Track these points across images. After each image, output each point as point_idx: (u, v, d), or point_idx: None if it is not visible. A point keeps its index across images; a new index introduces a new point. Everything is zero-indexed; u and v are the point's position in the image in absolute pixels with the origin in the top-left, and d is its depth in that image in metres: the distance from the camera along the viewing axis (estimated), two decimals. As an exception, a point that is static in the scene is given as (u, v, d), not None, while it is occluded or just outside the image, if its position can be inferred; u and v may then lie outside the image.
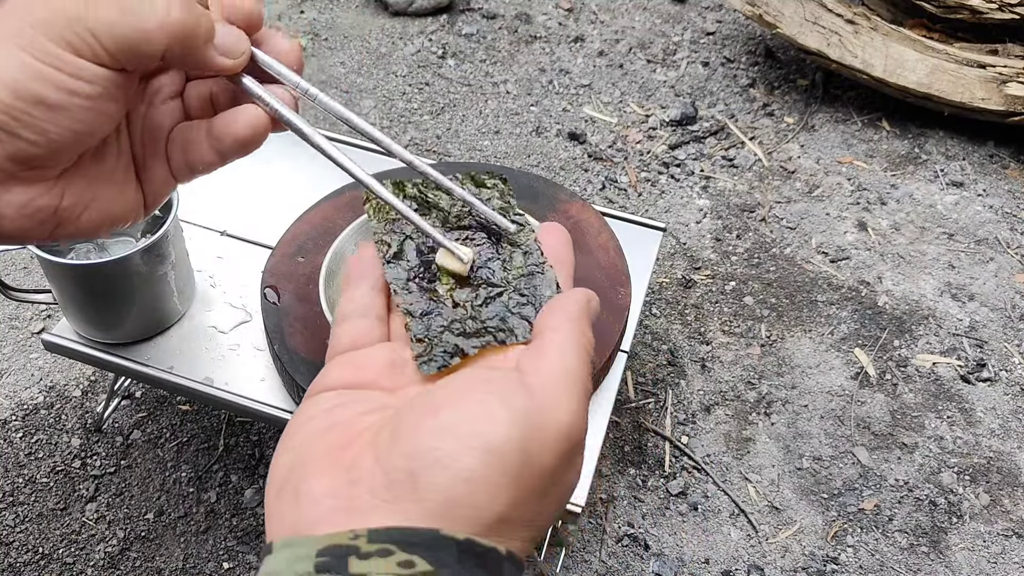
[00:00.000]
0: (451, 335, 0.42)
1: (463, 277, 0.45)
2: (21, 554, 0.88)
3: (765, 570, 0.91)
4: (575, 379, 0.34)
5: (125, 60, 0.37)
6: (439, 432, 0.31)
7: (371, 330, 0.41)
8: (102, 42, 0.36)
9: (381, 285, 0.43)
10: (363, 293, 0.42)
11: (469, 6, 1.67)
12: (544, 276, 0.45)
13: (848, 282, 1.21)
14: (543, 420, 0.32)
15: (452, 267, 0.45)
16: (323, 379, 0.38)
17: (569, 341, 0.36)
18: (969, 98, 1.38)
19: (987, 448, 1.03)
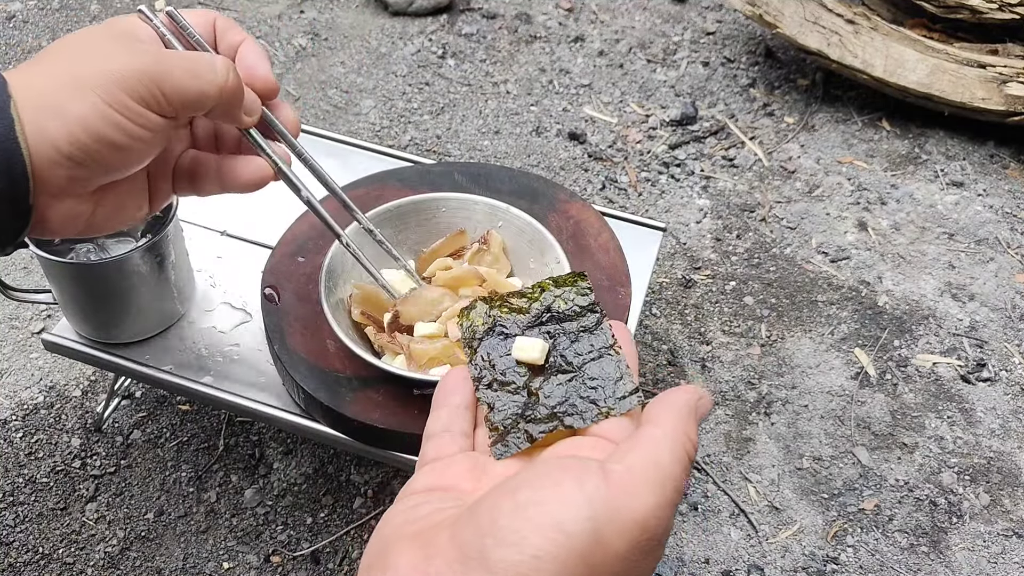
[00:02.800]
0: (523, 422, 0.44)
1: (539, 367, 0.47)
2: (21, 554, 0.88)
3: (765, 570, 0.91)
4: (663, 472, 0.34)
5: (181, 112, 0.46)
6: (513, 511, 0.33)
7: (455, 442, 0.43)
8: (168, 98, 0.45)
9: (468, 403, 0.46)
10: (449, 411, 0.45)
11: (469, 6, 1.67)
12: (613, 359, 0.47)
13: (848, 282, 1.21)
14: (618, 506, 0.33)
15: (527, 358, 0.48)
16: (411, 485, 0.41)
17: (667, 436, 0.36)
18: (969, 98, 1.38)
19: (987, 448, 1.03)
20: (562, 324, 0.50)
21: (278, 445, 0.98)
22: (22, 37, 1.53)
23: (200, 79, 0.46)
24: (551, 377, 0.47)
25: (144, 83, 0.44)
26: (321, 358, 0.74)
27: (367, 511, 0.93)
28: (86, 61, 0.44)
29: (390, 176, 0.90)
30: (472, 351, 0.49)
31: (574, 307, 0.50)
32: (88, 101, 0.43)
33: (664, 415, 0.38)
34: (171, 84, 0.44)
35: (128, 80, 0.43)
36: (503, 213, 0.80)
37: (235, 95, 0.48)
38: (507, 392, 0.46)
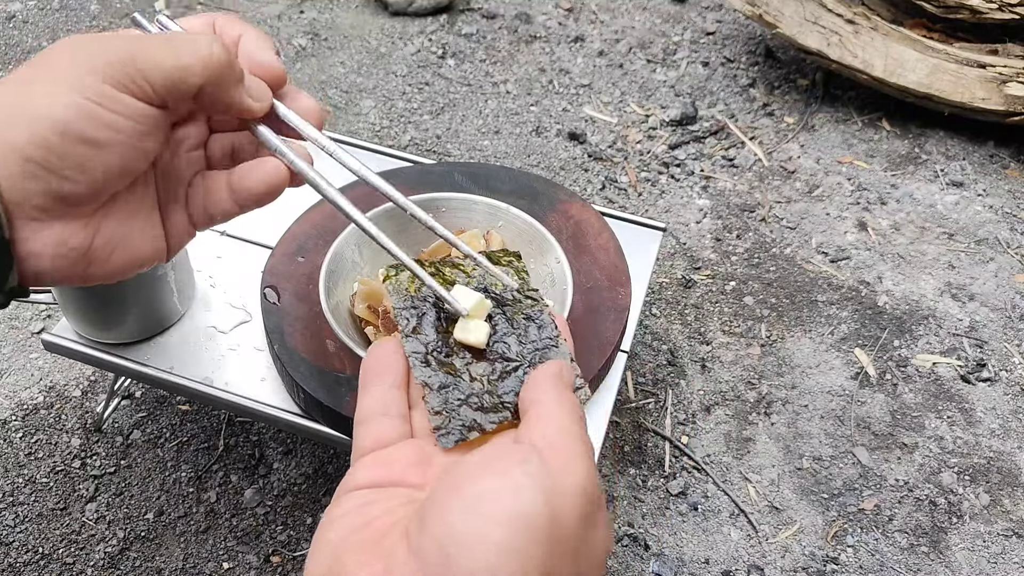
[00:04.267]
0: (469, 409, 0.43)
1: (480, 351, 0.46)
2: (21, 554, 0.88)
3: (765, 570, 0.91)
4: (576, 438, 0.36)
5: (167, 95, 0.40)
6: (465, 509, 0.32)
7: (394, 428, 0.42)
8: (149, 78, 0.38)
9: (401, 382, 0.44)
10: (383, 391, 0.43)
11: (469, 6, 1.67)
12: (558, 350, 0.46)
13: (848, 282, 1.21)
14: (561, 482, 0.33)
15: (469, 340, 0.46)
16: (352, 479, 0.39)
17: (559, 407, 0.38)
18: (969, 98, 1.38)
19: (987, 448, 1.03)
20: (502, 308, 0.48)
21: (278, 445, 0.98)
22: (22, 37, 1.53)
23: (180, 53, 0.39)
24: (494, 364, 0.46)
25: (118, 65, 0.37)
26: (321, 358, 0.74)
27: (367, 511, 0.93)
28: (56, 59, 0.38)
29: (390, 176, 0.90)
30: (405, 320, 0.46)
31: (512, 291, 0.49)
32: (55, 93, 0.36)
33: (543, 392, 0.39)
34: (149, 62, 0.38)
35: (100, 64, 0.37)
36: (503, 213, 0.80)
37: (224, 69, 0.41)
38: (447, 373, 0.44)
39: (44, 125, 0.36)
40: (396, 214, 0.80)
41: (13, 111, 0.36)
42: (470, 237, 0.78)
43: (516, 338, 0.47)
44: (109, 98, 0.37)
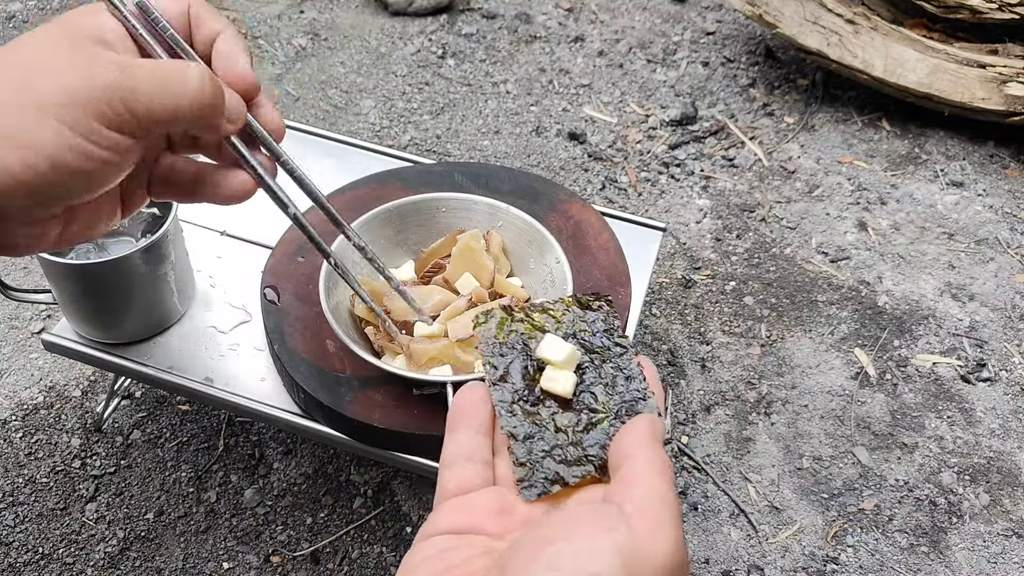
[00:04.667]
0: (553, 461, 0.42)
1: (566, 400, 0.46)
2: (21, 554, 0.88)
3: (765, 570, 0.91)
4: (668, 504, 0.36)
5: (153, 131, 0.41)
6: (547, 567, 0.33)
7: (477, 474, 0.42)
8: (138, 118, 0.39)
9: (487, 428, 0.44)
10: (469, 437, 0.43)
11: (469, 6, 1.67)
12: (647, 403, 0.46)
13: (848, 282, 1.21)
14: (645, 551, 0.33)
15: (556, 390, 0.46)
16: (433, 523, 0.40)
17: (651, 466, 0.37)
18: (969, 98, 1.38)
19: (987, 448, 1.03)
20: (590, 356, 0.48)
21: (278, 445, 0.98)
22: (22, 37, 1.54)
23: (171, 93, 0.40)
24: (580, 415, 0.45)
25: (111, 104, 0.38)
26: (321, 358, 0.74)
27: (367, 511, 0.93)
28: (42, 76, 0.38)
29: (390, 176, 0.90)
30: (493, 369, 0.46)
31: (602, 338, 0.49)
32: (48, 127, 0.37)
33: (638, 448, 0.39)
34: (140, 102, 0.39)
35: (93, 101, 0.38)
36: (503, 213, 0.80)
37: (213, 107, 0.42)
38: (532, 423, 0.44)
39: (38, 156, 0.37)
40: (392, 218, 0.80)
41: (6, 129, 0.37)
42: (469, 238, 0.78)
43: (604, 388, 0.46)
44: (100, 136, 0.38)
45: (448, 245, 0.80)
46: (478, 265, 0.77)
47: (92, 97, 0.38)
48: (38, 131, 0.37)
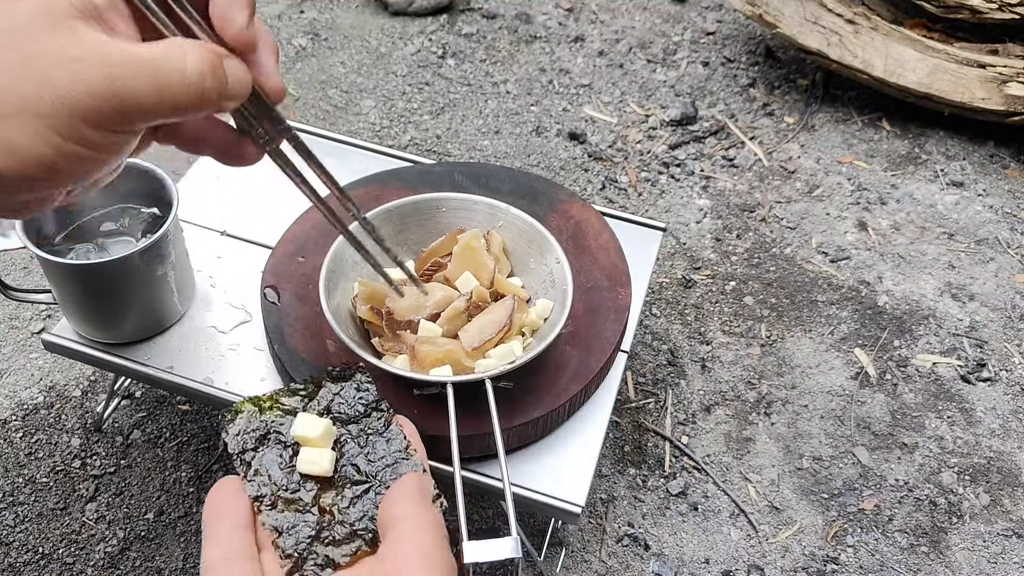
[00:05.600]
0: (320, 545, 0.41)
1: (327, 479, 0.44)
2: (21, 554, 0.88)
3: (765, 570, 0.91)
4: (433, 562, 0.36)
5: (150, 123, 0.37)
6: None
7: (241, 571, 0.40)
8: (131, 118, 0.36)
9: (246, 522, 0.42)
10: (228, 536, 0.41)
11: (469, 6, 1.67)
12: (409, 462, 0.45)
13: (848, 282, 1.21)
14: None
15: (315, 472, 0.44)
16: None
17: (416, 525, 0.38)
18: (969, 98, 1.38)
19: (987, 448, 1.03)
20: (347, 427, 0.47)
21: (278, 445, 0.98)
22: (22, 37, 1.54)
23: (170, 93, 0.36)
24: (343, 490, 0.44)
25: (103, 110, 0.35)
26: (321, 358, 0.74)
27: (367, 511, 0.93)
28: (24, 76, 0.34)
29: (390, 176, 0.90)
30: (246, 465, 0.45)
31: (357, 406, 0.48)
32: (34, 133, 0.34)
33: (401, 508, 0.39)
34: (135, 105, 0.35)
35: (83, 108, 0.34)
36: (503, 213, 0.80)
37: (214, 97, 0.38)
38: (295, 511, 0.43)
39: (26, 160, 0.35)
40: (393, 217, 0.80)
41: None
42: (470, 237, 0.78)
43: (364, 458, 0.45)
44: (91, 138, 0.36)
45: (448, 244, 0.80)
46: (478, 264, 0.77)
47: (82, 104, 0.34)
48: (23, 138, 0.34)
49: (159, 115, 0.36)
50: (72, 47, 0.35)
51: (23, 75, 0.34)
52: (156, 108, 0.36)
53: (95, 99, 0.34)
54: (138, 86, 0.35)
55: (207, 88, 0.37)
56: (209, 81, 0.37)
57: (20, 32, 0.34)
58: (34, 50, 0.34)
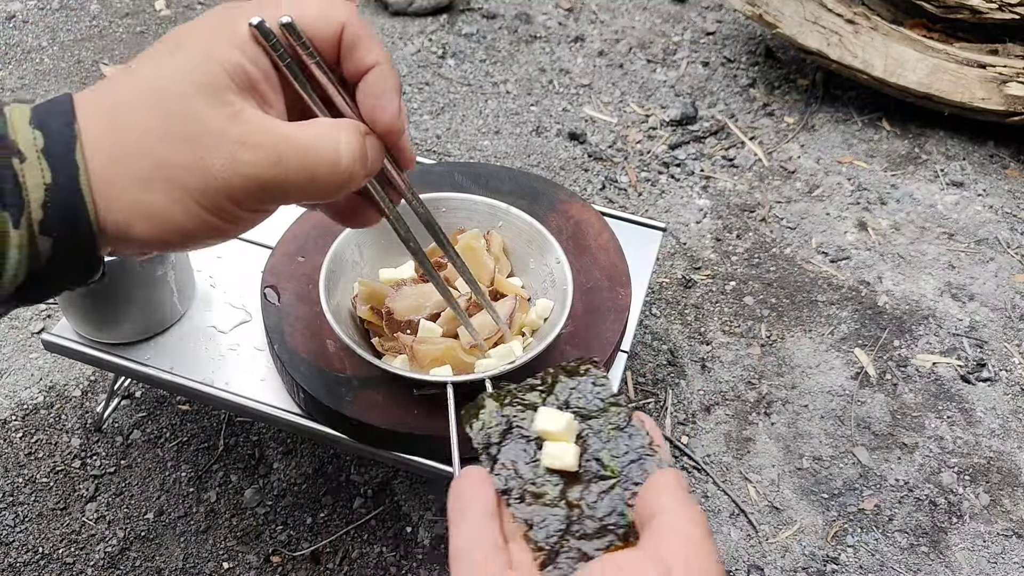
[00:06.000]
0: (572, 539, 0.42)
1: (573, 473, 0.45)
2: (21, 554, 0.88)
3: (765, 570, 0.91)
4: (707, 554, 0.36)
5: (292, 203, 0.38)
6: None
7: (491, 560, 0.41)
8: (278, 200, 0.37)
9: (492, 511, 0.43)
10: (477, 525, 0.42)
11: (469, 6, 1.67)
12: (654, 459, 0.45)
13: (848, 282, 1.21)
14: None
15: (560, 466, 0.45)
16: None
17: (679, 516, 0.37)
18: (969, 98, 1.38)
19: (987, 448, 1.03)
20: (587, 422, 0.47)
21: (278, 445, 0.98)
22: (22, 37, 1.53)
23: (319, 181, 0.36)
24: (589, 485, 0.44)
25: (250, 189, 0.35)
26: (321, 358, 0.74)
27: (367, 511, 0.93)
28: (182, 146, 0.34)
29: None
30: (492, 459, 0.45)
31: (595, 401, 0.48)
32: (179, 201, 0.35)
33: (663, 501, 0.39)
34: (284, 192, 0.36)
35: (234, 190, 0.35)
36: (503, 213, 0.80)
37: (362, 178, 0.39)
38: (543, 505, 0.43)
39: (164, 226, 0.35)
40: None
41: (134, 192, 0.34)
42: (470, 237, 0.78)
43: (608, 453, 0.46)
44: (234, 214, 0.36)
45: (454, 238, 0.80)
46: (479, 264, 0.77)
47: (234, 186, 0.35)
48: (166, 206, 0.35)
49: (305, 198, 0.37)
50: (231, 126, 0.35)
51: (180, 149, 0.34)
52: (304, 192, 0.37)
53: (247, 181, 0.35)
54: (290, 172, 0.36)
55: (355, 172, 0.38)
56: (358, 166, 0.38)
57: (179, 101, 0.35)
58: (192, 121, 0.34)
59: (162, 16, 1.61)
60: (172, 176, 0.34)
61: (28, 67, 1.47)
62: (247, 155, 0.35)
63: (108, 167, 0.34)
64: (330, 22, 0.38)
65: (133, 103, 0.35)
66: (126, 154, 0.34)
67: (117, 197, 0.34)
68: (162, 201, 0.35)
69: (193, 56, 0.35)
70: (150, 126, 0.34)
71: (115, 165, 0.34)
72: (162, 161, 0.34)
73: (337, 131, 0.37)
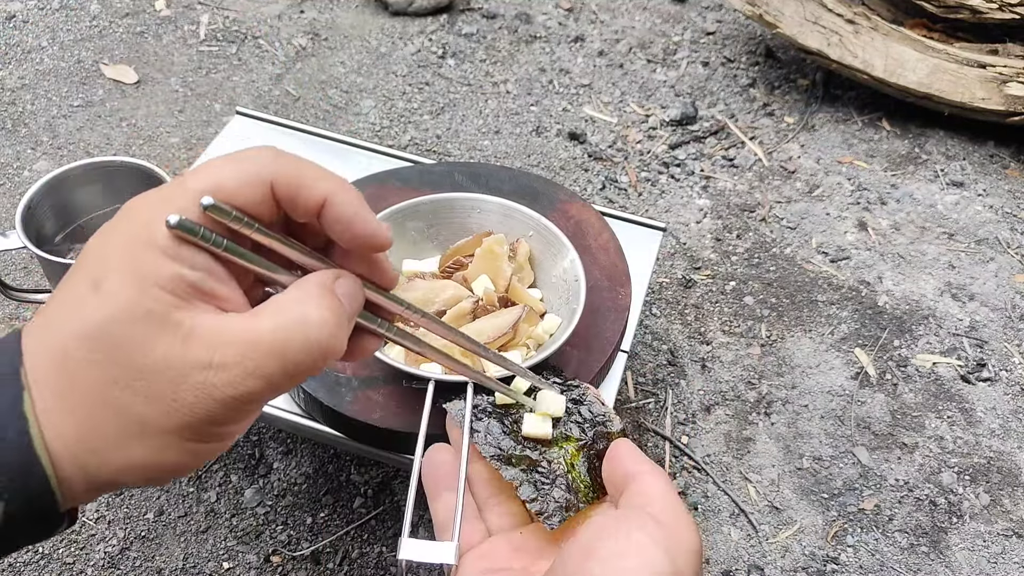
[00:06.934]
0: (559, 490, 0.49)
1: (547, 440, 0.54)
2: (21, 554, 0.88)
3: (765, 570, 0.91)
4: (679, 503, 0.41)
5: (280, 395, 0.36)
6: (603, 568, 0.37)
7: (474, 530, 0.48)
8: (263, 398, 0.33)
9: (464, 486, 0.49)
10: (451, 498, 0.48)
11: (469, 6, 1.67)
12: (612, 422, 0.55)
13: (848, 282, 1.21)
14: (677, 538, 0.39)
15: (538, 434, 0.54)
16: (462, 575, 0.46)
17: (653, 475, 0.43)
18: (969, 98, 1.38)
19: (987, 448, 1.03)
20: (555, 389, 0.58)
21: (278, 445, 0.98)
22: (22, 37, 1.53)
23: (299, 363, 0.32)
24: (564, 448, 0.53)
25: (235, 407, 0.32)
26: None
27: (367, 511, 0.93)
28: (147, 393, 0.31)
29: (390, 176, 0.90)
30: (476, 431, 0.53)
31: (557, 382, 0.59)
32: (165, 447, 0.32)
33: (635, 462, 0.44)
34: (267, 388, 0.32)
35: (218, 416, 0.32)
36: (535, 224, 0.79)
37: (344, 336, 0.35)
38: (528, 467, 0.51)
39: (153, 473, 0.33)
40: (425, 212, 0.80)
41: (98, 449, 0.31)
42: (493, 241, 0.78)
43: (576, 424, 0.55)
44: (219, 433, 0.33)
45: (473, 245, 0.80)
46: (496, 269, 0.77)
47: (214, 412, 0.31)
48: (152, 456, 0.32)
49: (291, 387, 0.34)
50: (189, 353, 0.31)
51: (140, 395, 0.31)
52: (288, 382, 0.33)
53: (225, 402, 0.32)
54: (266, 376, 0.32)
55: (337, 341, 0.34)
56: (336, 332, 0.34)
57: (121, 338, 0.31)
58: (145, 363, 0.31)
59: (162, 16, 1.61)
60: (146, 427, 0.31)
61: (28, 67, 1.47)
62: (216, 378, 0.31)
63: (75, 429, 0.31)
64: (255, 183, 0.33)
65: (79, 354, 0.31)
66: (89, 413, 0.31)
67: (95, 465, 0.32)
68: (146, 453, 0.32)
69: (121, 286, 0.31)
70: (104, 378, 0.31)
71: (82, 426, 0.31)
72: (129, 413, 0.31)
73: (302, 307, 0.33)
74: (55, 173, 0.83)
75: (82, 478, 0.32)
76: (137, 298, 0.30)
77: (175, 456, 0.32)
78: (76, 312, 0.31)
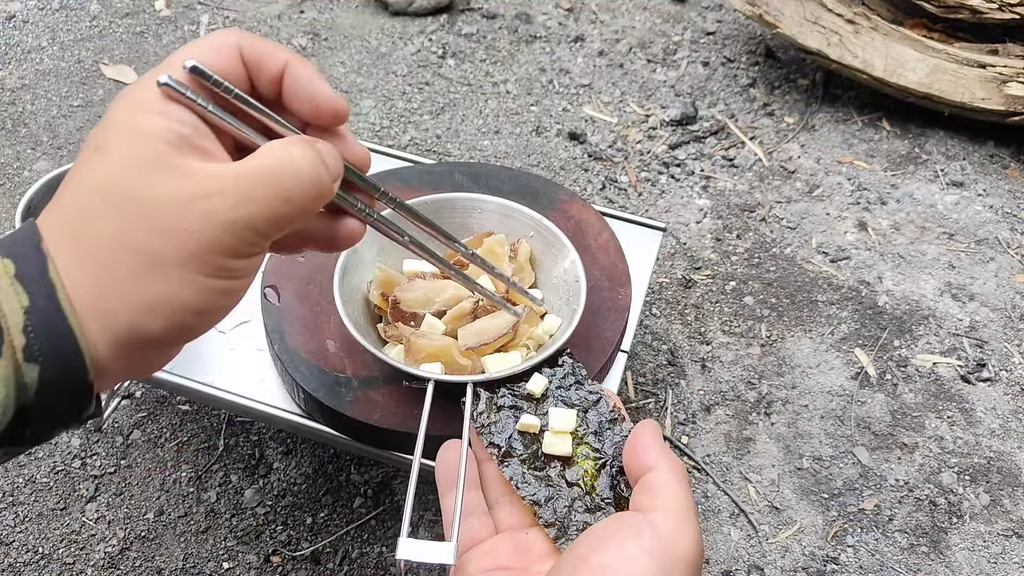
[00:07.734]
0: (577, 513, 0.50)
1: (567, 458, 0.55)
2: (21, 554, 0.88)
3: (765, 570, 0.91)
4: (687, 508, 0.42)
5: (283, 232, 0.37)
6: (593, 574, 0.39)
7: (482, 526, 0.49)
8: (263, 234, 0.36)
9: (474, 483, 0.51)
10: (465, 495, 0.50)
11: (469, 6, 1.67)
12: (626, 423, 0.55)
13: (848, 282, 1.21)
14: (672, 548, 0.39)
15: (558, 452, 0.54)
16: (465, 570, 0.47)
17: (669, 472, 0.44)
18: (969, 98, 1.38)
19: (987, 448, 1.03)
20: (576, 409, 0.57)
21: (278, 445, 0.98)
22: (22, 37, 1.54)
23: (294, 194, 0.36)
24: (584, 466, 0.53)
25: (238, 235, 0.34)
26: (321, 358, 0.74)
27: (367, 511, 0.93)
28: (150, 226, 0.33)
29: (390, 176, 0.90)
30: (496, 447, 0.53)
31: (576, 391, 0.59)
32: (178, 282, 0.34)
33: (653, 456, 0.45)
34: (268, 218, 0.35)
35: (220, 245, 0.34)
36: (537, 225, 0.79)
37: (331, 180, 0.38)
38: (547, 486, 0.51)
39: (172, 315, 0.34)
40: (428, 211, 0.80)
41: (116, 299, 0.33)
42: (495, 242, 0.78)
43: (595, 437, 0.55)
44: (230, 268, 0.35)
45: (474, 245, 0.80)
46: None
47: (219, 239, 0.34)
48: (166, 293, 0.34)
49: (291, 221, 0.37)
50: (187, 186, 0.34)
51: (150, 230, 0.33)
52: (287, 215, 0.36)
53: (227, 228, 0.34)
54: (262, 202, 0.35)
55: (323, 176, 0.37)
56: (321, 168, 0.37)
57: (127, 184, 0.34)
58: (151, 199, 0.33)
59: (162, 16, 1.61)
60: (159, 259, 0.34)
61: (28, 67, 1.47)
62: (215, 204, 0.34)
63: (94, 279, 0.33)
64: (225, 50, 0.38)
65: (91, 208, 0.34)
66: (105, 259, 0.33)
67: (115, 309, 0.34)
68: (163, 287, 0.34)
69: (122, 141, 0.34)
70: (116, 223, 0.34)
71: (100, 274, 0.33)
72: (143, 249, 0.33)
73: (287, 147, 0.37)
74: (55, 173, 0.83)
75: (105, 330, 0.33)
76: (137, 149, 0.34)
77: (190, 293, 0.34)
78: (84, 173, 0.35)
